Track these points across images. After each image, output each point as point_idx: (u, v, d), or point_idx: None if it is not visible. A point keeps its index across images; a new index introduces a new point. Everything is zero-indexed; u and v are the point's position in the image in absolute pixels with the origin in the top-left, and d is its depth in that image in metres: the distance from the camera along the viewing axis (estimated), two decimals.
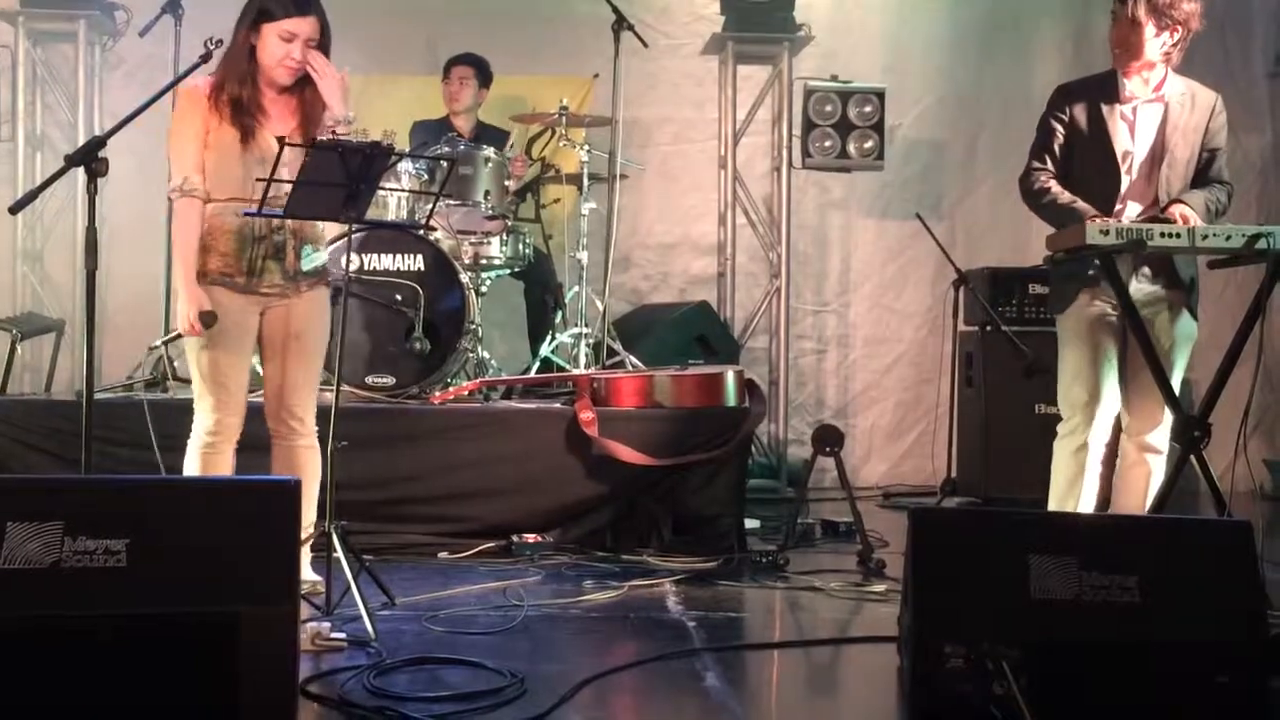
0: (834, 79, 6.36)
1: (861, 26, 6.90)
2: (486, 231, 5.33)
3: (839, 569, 4.31)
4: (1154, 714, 2.59)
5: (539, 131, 6.13)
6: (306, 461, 3.57)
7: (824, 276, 6.99)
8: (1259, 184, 6.86)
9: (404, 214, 5.06)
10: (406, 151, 5.23)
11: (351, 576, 3.26)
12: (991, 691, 2.54)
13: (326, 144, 3.24)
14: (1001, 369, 5.71)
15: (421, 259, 4.86)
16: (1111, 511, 3.82)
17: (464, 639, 3.25)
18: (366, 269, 4.81)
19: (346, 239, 3.50)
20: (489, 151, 5.39)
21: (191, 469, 3.50)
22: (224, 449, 3.49)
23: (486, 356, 5.36)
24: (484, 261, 5.35)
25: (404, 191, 4.95)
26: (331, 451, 3.40)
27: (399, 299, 4.80)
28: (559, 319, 5.76)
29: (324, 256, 3.62)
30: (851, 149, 6.31)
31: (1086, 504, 3.77)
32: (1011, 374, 5.56)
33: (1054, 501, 3.82)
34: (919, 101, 6.93)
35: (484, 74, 5.98)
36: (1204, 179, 3.77)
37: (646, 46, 5.64)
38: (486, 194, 5.32)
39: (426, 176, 5.07)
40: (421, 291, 4.80)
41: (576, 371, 5.24)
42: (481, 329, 5.28)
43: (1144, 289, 3.71)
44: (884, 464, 6.92)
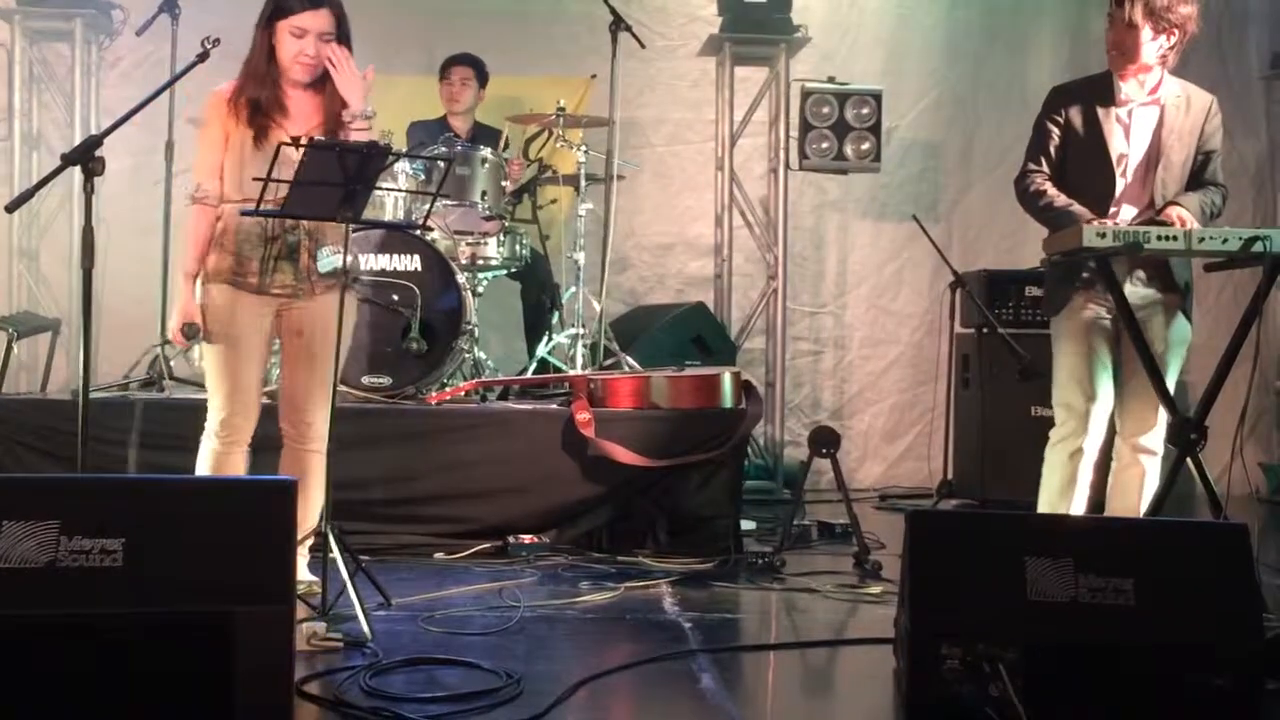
0: (831, 80, 6.35)
1: (859, 28, 6.91)
2: (483, 232, 5.33)
3: (835, 570, 4.30)
4: (1149, 716, 2.59)
5: (536, 132, 6.13)
6: (313, 467, 3.50)
7: (821, 278, 6.99)
8: (1254, 187, 6.87)
9: (401, 214, 5.06)
10: (404, 152, 5.22)
11: (348, 577, 3.25)
12: (987, 693, 2.55)
13: (323, 143, 3.22)
14: (998, 371, 5.72)
15: (418, 259, 4.85)
16: (1106, 514, 3.81)
17: (460, 639, 3.25)
18: (363, 269, 4.80)
19: (344, 240, 3.50)
20: (486, 152, 5.39)
21: (202, 468, 3.48)
22: (234, 449, 3.46)
23: (483, 357, 5.35)
24: (481, 262, 5.35)
25: (401, 191, 4.95)
26: (328, 452, 3.39)
27: (396, 299, 4.80)
28: (556, 320, 5.76)
29: (338, 259, 3.59)
30: (848, 150, 6.30)
31: (1078, 510, 3.74)
32: (1008, 376, 5.56)
33: (1044, 506, 3.78)
34: (916, 103, 6.93)
35: (482, 74, 5.98)
36: (1199, 181, 3.76)
37: (644, 47, 5.63)
38: (484, 194, 5.32)
39: (424, 177, 5.08)
40: (418, 292, 4.79)
41: (573, 372, 5.24)
42: (478, 329, 5.27)
43: (1139, 292, 3.70)
44: (880, 466, 6.91)
